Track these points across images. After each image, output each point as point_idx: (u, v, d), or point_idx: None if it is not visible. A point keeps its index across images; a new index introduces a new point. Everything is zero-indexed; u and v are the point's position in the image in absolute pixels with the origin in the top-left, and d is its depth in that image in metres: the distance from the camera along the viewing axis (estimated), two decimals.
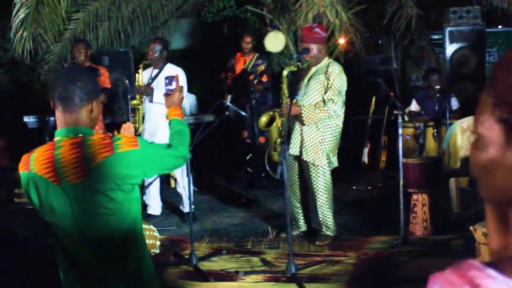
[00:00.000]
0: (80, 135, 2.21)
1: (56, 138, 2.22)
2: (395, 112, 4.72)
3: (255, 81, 6.77)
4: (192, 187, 5.41)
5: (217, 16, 8.47)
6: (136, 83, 5.62)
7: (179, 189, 5.77)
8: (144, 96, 5.60)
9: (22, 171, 2.22)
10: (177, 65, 5.86)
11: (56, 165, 2.16)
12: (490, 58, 8.19)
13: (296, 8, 6.89)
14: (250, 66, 6.96)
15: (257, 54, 7.00)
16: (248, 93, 6.79)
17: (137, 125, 5.61)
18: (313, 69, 4.85)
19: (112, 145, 2.17)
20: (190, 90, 6.23)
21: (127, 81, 5.89)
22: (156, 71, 5.67)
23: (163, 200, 6.00)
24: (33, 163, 2.19)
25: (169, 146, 2.36)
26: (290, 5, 7.37)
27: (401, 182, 4.68)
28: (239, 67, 7.04)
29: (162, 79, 5.47)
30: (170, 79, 2.69)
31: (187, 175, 4.59)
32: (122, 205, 2.21)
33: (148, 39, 7.57)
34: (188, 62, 8.39)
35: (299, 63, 4.83)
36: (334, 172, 4.93)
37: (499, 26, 8.69)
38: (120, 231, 2.22)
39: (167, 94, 2.66)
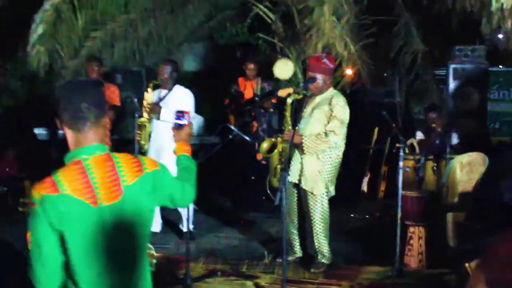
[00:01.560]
0: (105, 152, 2.04)
1: (83, 157, 2.01)
2: (397, 145, 4.59)
3: (266, 103, 6.70)
4: (193, 206, 5.31)
5: (230, 41, 8.43)
6: (145, 101, 5.50)
7: (180, 208, 5.57)
8: (152, 115, 5.47)
9: (47, 192, 1.93)
10: (188, 86, 5.80)
11: (93, 186, 1.97)
12: (490, 96, 8.08)
13: (306, 38, 6.86)
14: (259, 89, 6.87)
15: (260, 78, 6.98)
16: (260, 116, 6.80)
17: (143, 142, 5.50)
18: (318, 99, 4.76)
19: (141, 164, 2.04)
20: (198, 111, 6.11)
21: (136, 100, 5.78)
22: (165, 91, 5.60)
23: (163, 217, 5.91)
24: (64, 184, 1.94)
25: (181, 180, 2.26)
26: (300, 35, 7.32)
27: (399, 214, 4.59)
28: (248, 92, 6.98)
29: (170, 99, 5.40)
30: (181, 114, 2.56)
31: None
32: (148, 227, 2.10)
33: (162, 60, 7.50)
34: (199, 84, 8.33)
35: (305, 92, 4.71)
36: (334, 199, 4.85)
37: (500, 66, 8.62)
38: (142, 251, 2.08)
39: (175, 128, 2.53)
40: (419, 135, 6.36)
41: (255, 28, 8.21)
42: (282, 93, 6.34)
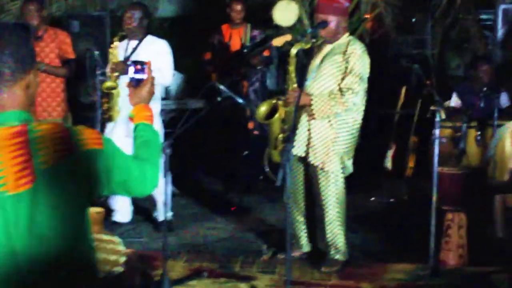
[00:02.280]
0: (19, 123, 1.90)
1: None
2: (432, 107, 4.53)
3: (254, 59, 6.61)
4: (171, 189, 5.27)
5: None
6: (110, 58, 5.49)
7: (154, 192, 5.51)
8: (119, 76, 5.39)
9: None
10: (163, 37, 5.76)
11: None
12: None
13: None
14: (247, 40, 6.80)
15: (249, 24, 6.91)
16: (251, 74, 6.77)
17: (112, 113, 5.46)
18: (328, 47, 4.72)
19: (70, 141, 1.90)
20: (177, 68, 6.06)
21: (97, 53, 5.75)
22: (134, 43, 5.57)
23: (133, 203, 5.89)
24: None
25: (136, 158, 2.15)
26: None
27: (434, 196, 4.55)
28: (234, 43, 6.90)
29: (141, 53, 5.39)
30: (140, 66, 2.41)
31: (165, 174, 4.41)
32: (80, 227, 1.96)
33: (128, 2, 7.38)
34: (178, 34, 8.22)
35: (314, 40, 4.60)
36: (349, 179, 4.85)
37: None
38: (71, 264, 1.95)
39: (131, 85, 2.39)
40: (455, 99, 6.32)
41: None
42: (277, 42, 6.29)
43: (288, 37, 6.33)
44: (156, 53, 5.40)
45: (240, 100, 5.62)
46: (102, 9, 7.75)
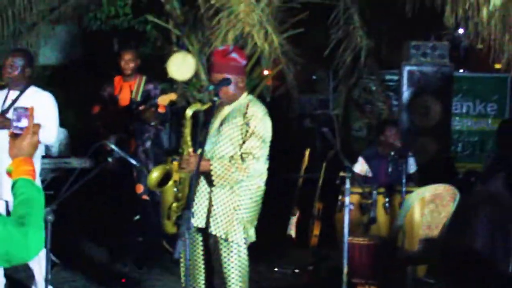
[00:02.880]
0: None
1: None
2: (341, 174, 4.55)
3: (147, 113, 6.42)
4: (51, 259, 5.03)
5: (105, 25, 8.30)
6: None
7: (31, 262, 5.34)
8: None
9: None
10: (44, 86, 5.60)
11: None
12: (453, 109, 8.29)
13: (213, 24, 6.81)
14: (139, 93, 6.58)
15: (144, 77, 6.71)
16: (142, 131, 6.56)
17: None
18: (227, 109, 4.69)
19: None
20: (61, 122, 5.83)
21: None
22: (13, 93, 5.38)
23: (7, 275, 5.64)
24: None
25: (20, 223, 2.06)
26: (205, 20, 7.33)
27: (345, 270, 4.51)
28: (123, 97, 6.69)
29: (22, 105, 5.08)
30: (20, 112, 2.35)
31: (45, 244, 4.16)
32: None
33: (6, 48, 7.12)
34: (61, 84, 8.02)
35: (216, 98, 4.55)
36: (251, 248, 4.75)
37: (461, 70, 8.91)
38: None
39: (14, 135, 2.31)
40: (360, 162, 6.41)
41: (142, 8, 8.14)
42: (162, 100, 6.19)
43: (173, 96, 6.25)
44: (39, 107, 5.15)
45: (134, 162, 5.46)
46: None
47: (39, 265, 5.24)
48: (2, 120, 5.15)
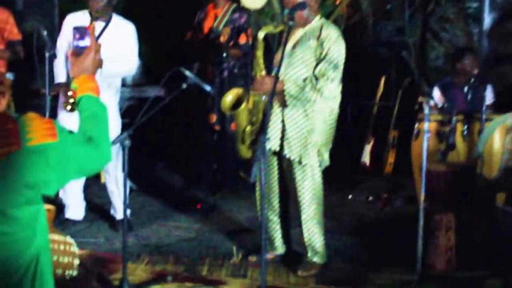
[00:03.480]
0: None
1: None
2: (420, 99, 4.48)
3: (230, 44, 6.36)
4: (129, 185, 5.26)
5: None
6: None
7: (111, 186, 5.58)
8: None
9: None
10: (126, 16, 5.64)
11: None
12: None
13: None
14: (223, 22, 6.53)
15: (234, 5, 6.67)
16: (218, 61, 6.51)
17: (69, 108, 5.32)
18: (301, 32, 4.70)
19: (18, 134, 1.93)
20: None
21: (45, 33, 5.55)
22: (100, 25, 5.37)
23: (87, 199, 5.85)
24: None
25: (88, 139, 2.18)
26: None
27: (423, 196, 4.53)
28: (207, 24, 6.67)
29: (107, 36, 5.21)
30: (81, 32, 2.40)
31: (123, 169, 4.33)
32: (25, 227, 2.02)
33: None
34: (135, 14, 8.06)
35: (291, 22, 4.51)
36: (324, 175, 4.82)
37: None
38: (15, 270, 1.97)
39: (75, 54, 2.37)
40: (436, 92, 6.33)
41: None
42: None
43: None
44: (122, 37, 5.32)
45: (208, 88, 5.47)
46: None
47: (118, 190, 5.42)
48: None
